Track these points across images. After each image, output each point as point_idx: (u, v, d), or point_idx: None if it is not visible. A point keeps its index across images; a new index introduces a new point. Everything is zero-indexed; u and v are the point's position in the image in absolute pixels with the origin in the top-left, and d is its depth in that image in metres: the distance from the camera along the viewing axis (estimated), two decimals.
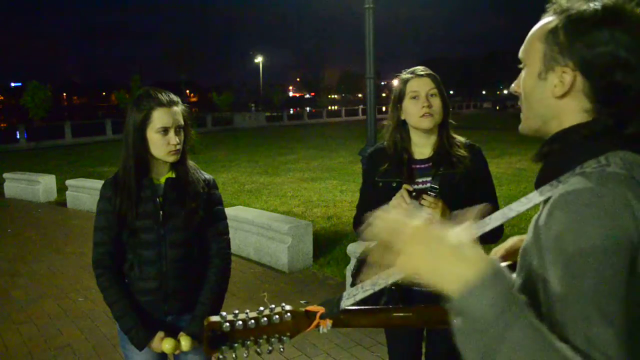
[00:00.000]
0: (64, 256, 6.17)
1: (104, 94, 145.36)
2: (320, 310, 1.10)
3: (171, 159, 1.90)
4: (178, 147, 1.89)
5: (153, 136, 1.87)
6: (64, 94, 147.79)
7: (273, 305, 1.08)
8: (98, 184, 8.27)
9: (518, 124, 1.04)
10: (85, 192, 8.79)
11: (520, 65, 0.95)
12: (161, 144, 1.87)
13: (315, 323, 1.09)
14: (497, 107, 66.08)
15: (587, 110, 0.85)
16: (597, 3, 0.83)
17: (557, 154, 0.89)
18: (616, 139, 0.83)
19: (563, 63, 0.85)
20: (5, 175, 10.65)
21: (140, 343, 1.88)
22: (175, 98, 1.93)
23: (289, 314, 1.07)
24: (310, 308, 1.09)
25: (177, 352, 1.91)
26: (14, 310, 4.52)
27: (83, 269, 5.47)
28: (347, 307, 1.05)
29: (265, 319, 1.05)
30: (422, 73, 2.04)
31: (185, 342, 1.87)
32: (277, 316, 1.06)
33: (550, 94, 0.88)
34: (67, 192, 9.25)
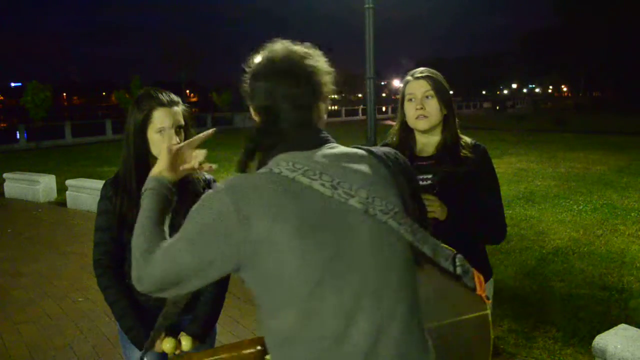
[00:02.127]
0: (64, 256, 6.18)
1: (104, 94, 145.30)
2: None
3: None
4: None
5: (153, 136, 1.87)
6: (64, 94, 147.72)
7: None
8: (98, 184, 8.27)
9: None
10: (85, 192, 8.79)
11: None
12: (161, 144, 1.87)
13: None
14: (497, 107, 66.07)
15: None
16: (257, 61, 1.23)
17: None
18: (268, 151, 1.18)
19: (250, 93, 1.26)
20: (5, 175, 10.65)
21: (141, 343, 1.88)
22: (175, 98, 1.93)
23: None
24: None
25: (177, 352, 1.91)
26: (14, 310, 4.52)
27: (83, 269, 5.47)
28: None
29: None
30: (419, 75, 2.07)
31: (185, 342, 1.87)
32: None
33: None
34: (67, 192, 9.25)
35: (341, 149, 1.19)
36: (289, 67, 1.18)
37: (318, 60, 1.22)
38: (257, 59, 1.22)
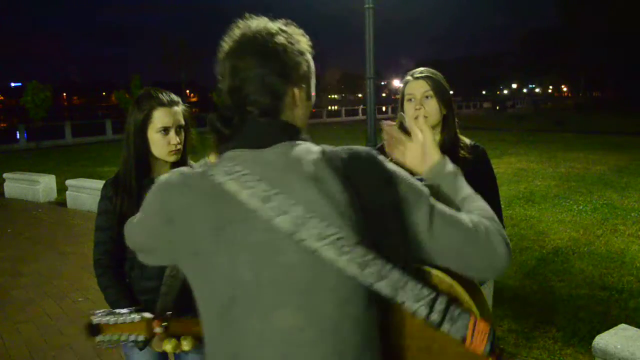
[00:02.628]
0: (64, 256, 6.18)
1: (104, 94, 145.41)
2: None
3: (172, 158, 1.91)
4: (179, 146, 1.90)
5: (154, 136, 1.87)
6: (64, 94, 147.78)
7: (132, 309, 1.49)
8: (98, 184, 8.28)
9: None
10: (85, 192, 8.79)
11: None
12: (162, 143, 1.87)
13: (153, 328, 1.50)
14: (497, 107, 66.10)
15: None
16: (228, 41, 1.08)
17: None
18: (226, 142, 1.06)
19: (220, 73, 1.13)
20: (5, 175, 10.66)
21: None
22: (175, 98, 1.94)
23: (140, 317, 1.47)
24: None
25: (177, 351, 1.91)
26: (14, 310, 4.52)
27: (83, 269, 5.47)
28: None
29: (123, 318, 1.44)
30: (418, 76, 2.08)
31: (186, 342, 1.87)
32: (133, 317, 1.46)
33: None
34: (67, 192, 9.25)
35: (298, 150, 1.00)
36: (257, 44, 1.03)
37: (294, 38, 1.07)
38: (231, 36, 1.08)
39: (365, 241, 0.95)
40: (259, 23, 1.07)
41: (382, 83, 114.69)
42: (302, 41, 1.09)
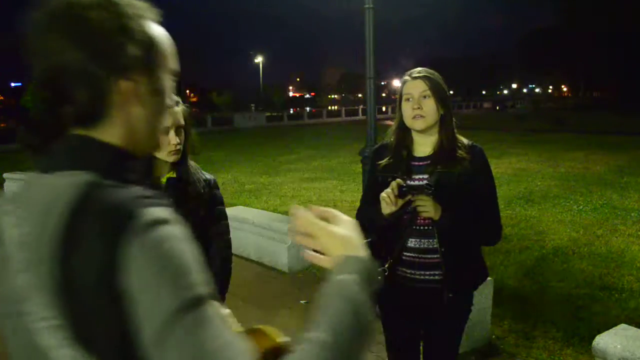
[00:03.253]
0: None
1: None
2: None
3: (171, 158, 1.91)
4: (178, 147, 1.90)
5: None
6: None
7: None
8: None
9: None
10: None
11: None
12: (161, 144, 1.87)
13: None
14: (497, 107, 66.10)
15: None
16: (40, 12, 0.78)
17: None
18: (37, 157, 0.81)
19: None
20: (5, 175, 10.67)
21: None
22: (175, 98, 1.94)
23: None
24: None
25: None
26: None
27: None
28: None
29: None
30: (416, 75, 2.08)
31: None
32: None
33: None
34: None
35: (64, 187, 0.72)
36: (70, 19, 0.75)
37: (125, 12, 0.77)
38: (41, 8, 0.79)
39: (83, 339, 0.67)
40: None
41: (382, 83, 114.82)
42: (142, 17, 0.80)
